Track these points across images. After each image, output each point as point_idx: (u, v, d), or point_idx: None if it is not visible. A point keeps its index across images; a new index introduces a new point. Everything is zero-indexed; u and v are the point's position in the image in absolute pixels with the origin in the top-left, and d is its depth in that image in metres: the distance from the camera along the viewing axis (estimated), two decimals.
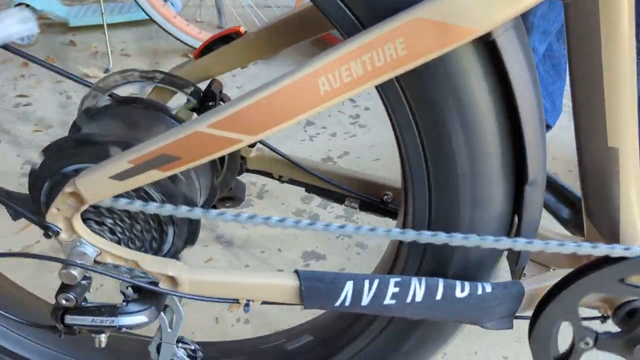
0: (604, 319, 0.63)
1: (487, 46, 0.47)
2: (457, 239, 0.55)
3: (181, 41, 1.92)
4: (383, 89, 0.50)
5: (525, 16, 1.06)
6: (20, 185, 1.41)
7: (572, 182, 0.70)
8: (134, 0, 1.86)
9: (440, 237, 0.55)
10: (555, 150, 1.48)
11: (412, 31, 0.43)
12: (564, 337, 0.61)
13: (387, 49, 0.43)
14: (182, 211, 0.53)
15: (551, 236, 0.66)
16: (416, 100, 0.49)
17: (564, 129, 0.56)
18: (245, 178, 0.76)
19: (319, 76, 0.43)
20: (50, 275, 1.10)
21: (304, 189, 0.77)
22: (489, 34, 0.45)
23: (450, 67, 0.47)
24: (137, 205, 0.53)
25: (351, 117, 1.65)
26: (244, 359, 0.78)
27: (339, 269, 1.16)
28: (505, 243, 0.55)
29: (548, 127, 1.30)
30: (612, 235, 0.59)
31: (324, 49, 0.44)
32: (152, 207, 0.53)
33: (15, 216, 0.66)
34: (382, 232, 0.55)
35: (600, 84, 0.51)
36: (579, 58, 0.51)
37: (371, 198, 0.74)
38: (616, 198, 0.57)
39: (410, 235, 0.55)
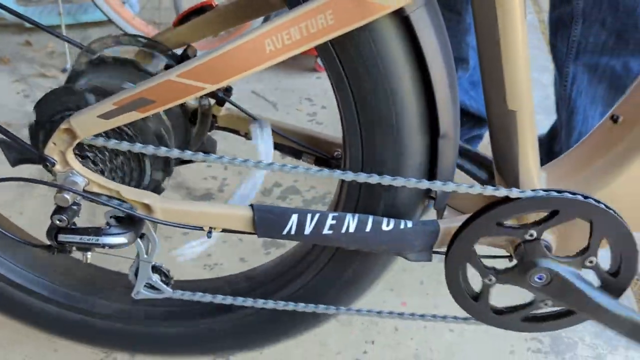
0: (508, 257, 0.76)
1: (403, 20, 0.59)
2: (386, 180, 0.67)
3: None
4: (321, 52, 0.62)
5: (461, 16, 1.19)
6: None
7: None
8: (92, 1, 1.86)
9: (373, 178, 0.67)
10: None
11: (339, 5, 0.55)
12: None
13: (319, 19, 0.55)
14: (162, 151, 0.65)
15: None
16: (347, 62, 0.61)
17: None
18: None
19: (265, 38, 0.55)
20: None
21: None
22: (403, 10, 0.58)
23: (374, 36, 0.59)
24: (124, 145, 0.64)
25: (308, 115, 1.73)
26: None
27: None
28: (425, 184, 0.67)
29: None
30: (514, 184, 0.71)
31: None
32: (137, 147, 0.65)
33: (14, 163, 0.77)
34: (327, 172, 0.68)
35: (498, 56, 0.62)
36: (482, 33, 0.62)
37: (324, 154, 0.86)
38: (516, 152, 0.69)
39: (349, 175, 0.67)
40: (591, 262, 0.67)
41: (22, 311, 0.92)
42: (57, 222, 0.67)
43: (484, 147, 0.67)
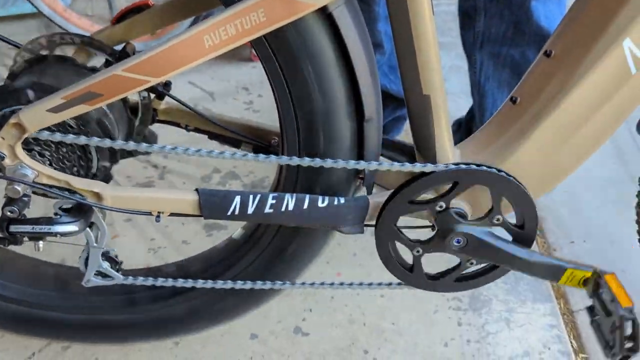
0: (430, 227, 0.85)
1: (327, 17, 0.66)
2: (317, 162, 0.74)
3: None
4: (256, 46, 0.68)
5: (370, 7, 1.29)
6: None
7: None
8: None
9: (305, 161, 0.74)
10: None
11: (269, 4, 0.61)
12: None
13: (252, 16, 0.61)
14: (106, 142, 0.69)
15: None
16: (280, 55, 0.68)
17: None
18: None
19: (204, 34, 0.61)
20: None
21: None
22: (326, 8, 0.65)
23: (302, 31, 0.66)
24: (70, 138, 0.68)
25: (245, 104, 1.80)
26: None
27: None
28: (351, 164, 0.75)
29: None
30: (432, 161, 0.80)
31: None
32: (83, 140, 0.69)
33: None
34: (263, 157, 0.74)
35: (412, 47, 0.71)
36: (396, 27, 0.70)
37: (262, 142, 0.93)
38: (432, 133, 0.78)
39: (284, 159, 0.74)
40: (498, 219, 0.77)
41: None
42: (9, 213, 0.69)
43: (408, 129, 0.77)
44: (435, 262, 0.85)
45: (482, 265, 0.84)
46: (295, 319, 1.16)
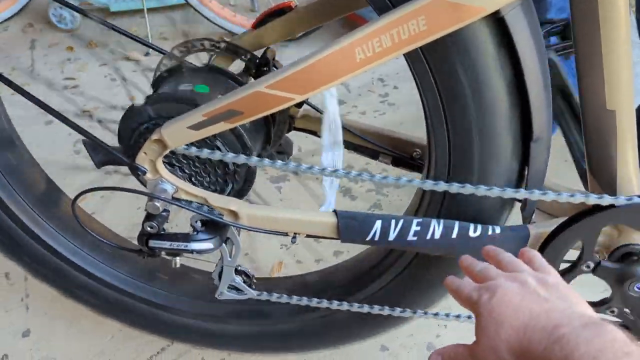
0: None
1: (497, 22, 0.56)
2: (468, 189, 0.65)
3: (216, 24, 2.01)
4: (410, 58, 0.60)
5: None
6: (72, 163, 1.53)
7: None
8: None
9: (454, 187, 0.65)
10: None
11: (432, 10, 0.52)
12: None
13: (411, 25, 0.53)
14: (241, 159, 0.65)
15: (556, 188, 0.75)
16: (437, 67, 0.59)
17: None
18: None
19: (355, 46, 0.54)
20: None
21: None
22: (498, 12, 0.55)
23: (467, 39, 0.57)
24: (217, 155, 0.65)
25: (380, 96, 1.71)
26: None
27: None
28: (509, 193, 0.65)
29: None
30: (610, 188, 0.67)
31: (352, 29, 0.54)
32: (217, 155, 0.65)
33: (99, 164, 0.79)
34: (405, 180, 0.66)
35: (599, 53, 0.59)
36: (580, 29, 0.59)
37: (402, 154, 0.85)
38: (614, 156, 0.65)
39: (428, 184, 0.66)
40: None
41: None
42: (148, 228, 0.68)
43: None
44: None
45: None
46: (428, 335, 1.08)
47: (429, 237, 0.68)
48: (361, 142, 0.85)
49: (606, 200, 0.63)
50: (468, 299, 0.53)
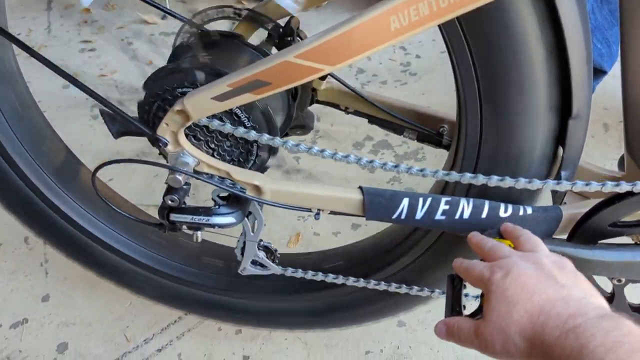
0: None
1: None
2: (493, 181, 0.62)
3: None
4: (445, 28, 0.57)
5: None
6: (90, 126, 1.53)
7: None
8: None
9: (479, 179, 0.62)
10: (607, 100, 1.47)
11: None
12: None
13: None
14: (277, 142, 0.63)
15: (592, 169, 0.72)
16: (474, 38, 0.56)
17: (618, 78, 0.58)
18: None
19: (390, 15, 0.51)
20: None
21: (366, 121, 0.86)
22: None
23: (506, 9, 0.54)
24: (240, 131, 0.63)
25: (402, 65, 1.66)
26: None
27: None
28: (536, 184, 0.62)
29: (604, 72, 1.31)
30: None
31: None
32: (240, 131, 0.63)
33: (117, 135, 0.77)
34: (429, 172, 0.64)
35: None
36: (626, 5, 0.55)
37: (428, 130, 0.82)
38: None
39: (454, 176, 0.63)
40: None
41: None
42: (170, 202, 0.67)
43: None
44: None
45: None
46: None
47: (457, 216, 0.66)
48: (386, 116, 0.83)
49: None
50: (480, 276, 0.53)
